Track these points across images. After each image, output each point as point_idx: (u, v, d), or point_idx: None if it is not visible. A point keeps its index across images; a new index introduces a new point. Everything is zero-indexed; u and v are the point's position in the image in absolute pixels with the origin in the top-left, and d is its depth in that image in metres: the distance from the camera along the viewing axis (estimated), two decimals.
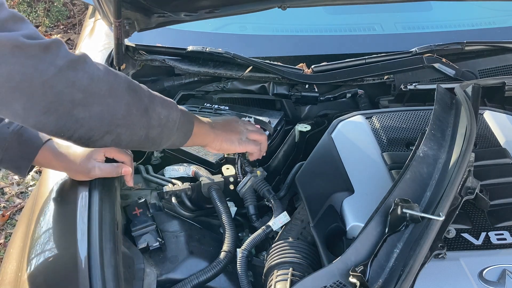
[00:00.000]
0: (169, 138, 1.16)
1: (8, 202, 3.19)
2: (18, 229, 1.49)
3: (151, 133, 1.10)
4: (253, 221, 1.42)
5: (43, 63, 0.91)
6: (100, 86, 0.98)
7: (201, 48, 1.76)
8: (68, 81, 0.93)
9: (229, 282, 1.30)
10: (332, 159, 1.40)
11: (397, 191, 1.14)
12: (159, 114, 1.10)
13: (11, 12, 0.92)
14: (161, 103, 1.12)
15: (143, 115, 1.07)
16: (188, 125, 1.20)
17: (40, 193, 1.41)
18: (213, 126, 1.30)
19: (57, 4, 4.72)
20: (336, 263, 1.05)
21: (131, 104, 1.04)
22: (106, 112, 1.00)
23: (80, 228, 1.16)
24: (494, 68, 1.88)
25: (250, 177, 1.44)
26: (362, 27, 2.16)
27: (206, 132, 1.28)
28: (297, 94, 1.80)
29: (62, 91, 0.93)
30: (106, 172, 1.27)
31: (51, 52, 0.92)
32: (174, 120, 1.14)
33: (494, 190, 1.25)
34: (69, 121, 0.97)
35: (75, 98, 0.95)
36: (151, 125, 1.09)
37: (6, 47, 0.88)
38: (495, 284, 1.07)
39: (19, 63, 0.88)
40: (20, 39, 0.89)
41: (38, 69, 0.90)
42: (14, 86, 0.89)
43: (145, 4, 1.51)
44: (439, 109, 1.35)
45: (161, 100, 1.13)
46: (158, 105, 1.11)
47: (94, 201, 1.23)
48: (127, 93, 1.03)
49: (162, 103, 1.12)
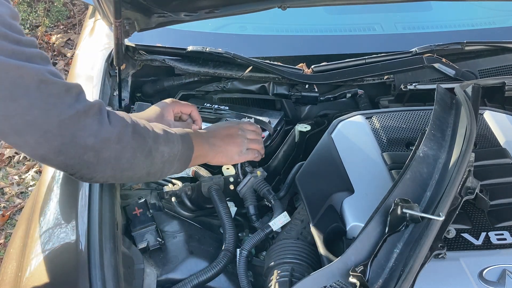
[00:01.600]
0: (169, 170, 1.18)
1: (8, 202, 3.19)
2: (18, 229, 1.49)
3: (152, 170, 1.12)
4: (253, 221, 1.42)
5: (63, 103, 0.93)
6: (110, 133, 1.00)
7: (201, 48, 1.76)
8: (83, 125, 0.96)
9: (229, 282, 1.30)
10: (332, 159, 1.40)
11: (397, 191, 1.14)
12: (162, 153, 1.12)
13: (39, 51, 0.95)
14: (165, 141, 1.13)
15: (147, 157, 1.09)
16: (188, 152, 1.21)
17: (40, 193, 1.41)
18: (212, 143, 1.30)
19: (57, 4, 4.72)
20: (336, 263, 1.05)
21: (136, 148, 1.06)
22: (113, 158, 1.02)
23: (80, 228, 1.16)
24: (494, 68, 1.88)
25: (250, 177, 1.44)
26: (362, 27, 2.16)
27: (206, 153, 1.29)
28: (297, 94, 1.80)
29: (76, 134, 0.95)
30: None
31: (72, 94, 0.95)
32: (175, 154, 1.16)
33: (494, 190, 1.25)
34: (77, 163, 0.99)
35: (88, 143, 0.97)
36: (154, 164, 1.11)
37: (33, 79, 0.89)
38: (495, 284, 1.07)
39: (41, 98, 0.90)
40: (46, 75, 0.91)
41: (57, 107, 0.92)
42: (32, 120, 0.90)
43: (145, 4, 1.51)
44: (439, 109, 1.35)
45: (164, 138, 1.13)
46: (161, 143, 1.12)
47: (94, 201, 1.23)
48: (132, 139, 1.05)
49: (165, 141, 1.13)
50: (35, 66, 0.90)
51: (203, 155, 1.28)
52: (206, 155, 1.29)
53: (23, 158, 3.51)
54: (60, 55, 4.36)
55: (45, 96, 0.91)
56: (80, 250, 1.11)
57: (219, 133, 1.33)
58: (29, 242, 1.25)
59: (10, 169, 3.44)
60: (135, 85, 1.81)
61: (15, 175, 3.38)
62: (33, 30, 4.58)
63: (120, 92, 1.67)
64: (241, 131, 1.37)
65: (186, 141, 1.20)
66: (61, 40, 4.45)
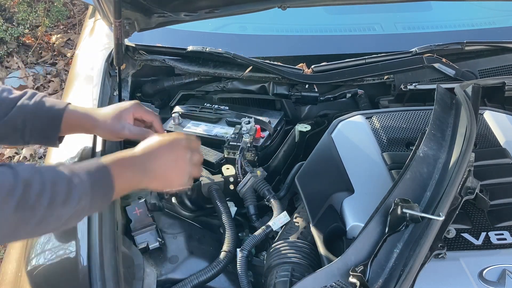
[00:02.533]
0: (75, 222, 1.03)
1: None
2: None
3: (48, 230, 1.01)
4: (253, 221, 1.42)
5: None
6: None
7: (201, 48, 1.76)
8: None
9: (229, 282, 1.30)
10: (332, 159, 1.40)
11: (397, 191, 1.14)
12: (58, 217, 0.95)
13: None
14: (63, 202, 0.95)
15: (37, 225, 0.93)
16: (104, 196, 1.04)
17: None
18: (149, 169, 1.10)
19: (57, 4, 4.72)
20: (336, 263, 1.05)
21: (19, 222, 0.90)
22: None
23: (80, 228, 1.16)
24: (494, 68, 1.88)
25: (250, 177, 1.44)
26: (362, 27, 2.16)
27: (138, 180, 1.10)
28: (297, 94, 1.80)
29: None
30: (135, 135, 1.29)
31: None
32: (80, 209, 0.98)
33: (494, 190, 1.25)
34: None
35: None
36: (48, 227, 0.96)
37: None
38: (495, 284, 1.07)
39: None
40: None
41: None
42: None
43: (145, 4, 1.51)
44: (439, 109, 1.35)
45: (62, 197, 0.95)
46: (58, 207, 0.94)
47: None
48: (15, 213, 0.89)
49: (63, 202, 0.95)
50: None
51: (134, 183, 1.10)
52: (138, 182, 1.10)
53: (23, 158, 3.51)
54: (60, 55, 4.36)
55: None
56: (80, 250, 1.11)
57: (162, 155, 1.12)
58: (29, 242, 1.25)
59: None
60: (135, 85, 1.81)
61: None
62: (33, 30, 4.58)
63: (120, 92, 1.67)
64: (189, 153, 1.17)
65: (101, 184, 1.02)
66: (61, 40, 4.45)
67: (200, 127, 1.70)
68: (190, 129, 1.70)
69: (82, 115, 1.29)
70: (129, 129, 1.28)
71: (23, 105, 1.24)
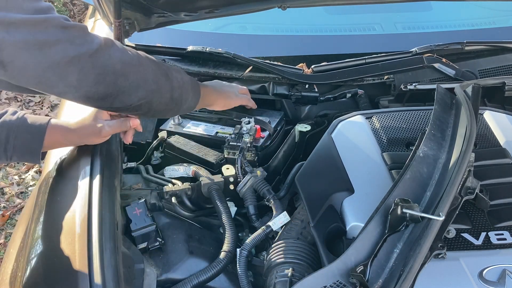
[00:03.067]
0: (186, 98, 1.31)
1: (8, 202, 3.19)
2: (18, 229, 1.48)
3: (174, 94, 1.26)
4: (253, 221, 1.42)
5: (87, 41, 1.06)
6: (131, 58, 1.14)
7: (201, 48, 1.76)
8: (108, 55, 1.09)
9: (229, 282, 1.30)
10: (332, 159, 1.40)
11: (397, 191, 1.14)
12: (176, 78, 1.26)
13: (49, 3, 1.05)
14: (173, 69, 1.28)
15: (167, 79, 1.23)
16: (197, 86, 1.37)
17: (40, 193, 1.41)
18: (213, 86, 1.52)
19: (57, 4, 4.73)
20: (336, 263, 1.05)
21: (156, 70, 1.20)
22: (140, 80, 1.16)
23: (80, 227, 1.16)
24: (494, 68, 1.88)
25: (250, 177, 1.44)
26: (362, 27, 2.16)
27: (210, 92, 1.48)
28: (297, 94, 1.80)
29: (105, 63, 1.08)
30: (116, 128, 1.32)
31: (89, 32, 1.08)
32: (187, 82, 1.31)
33: (494, 190, 1.25)
34: (115, 90, 1.12)
35: (116, 69, 1.10)
36: (173, 87, 1.25)
37: (57, 27, 1.01)
38: (495, 284, 1.07)
39: (70, 41, 1.02)
40: (64, 21, 1.03)
41: (84, 45, 1.05)
42: (69, 61, 1.02)
43: (145, 4, 1.52)
44: (439, 109, 1.35)
45: (171, 67, 1.29)
46: (172, 70, 1.27)
47: (94, 201, 1.23)
48: (149, 62, 1.20)
49: (174, 69, 1.28)
50: (54, 16, 1.02)
51: (208, 94, 1.46)
52: (210, 94, 1.48)
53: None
54: None
55: (72, 38, 1.02)
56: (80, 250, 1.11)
57: (213, 84, 1.56)
58: (29, 242, 1.25)
59: (10, 169, 3.44)
60: None
61: (15, 175, 3.38)
62: None
63: None
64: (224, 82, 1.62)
65: (192, 78, 1.36)
66: None
67: (200, 127, 1.70)
68: (190, 129, 1.70)
69: (65, 129, 1.32)
70: (107, 125, 1.30)
71: (6, 121, 1.27)
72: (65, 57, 1.02)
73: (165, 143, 1.66)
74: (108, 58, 1.09)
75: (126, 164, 1.62)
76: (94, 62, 1.06)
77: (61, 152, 1.43)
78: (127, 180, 1.53)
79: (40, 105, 4.08)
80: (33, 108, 4.03)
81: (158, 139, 1.67)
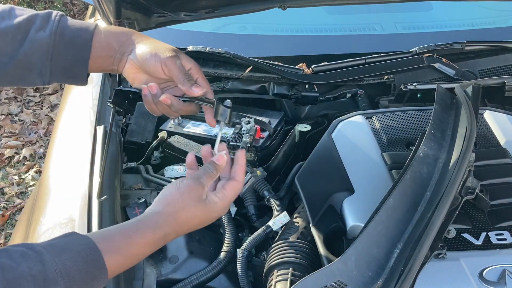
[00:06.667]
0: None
1: (8, 202, 3.20)
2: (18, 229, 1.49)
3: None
4: (253, 221, 1.42)
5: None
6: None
7: (201, 48, 1.76)
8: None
9: (229, 282, 1.30)
10: (332, 159, 1.40)
11: (397, 191, 1.14)
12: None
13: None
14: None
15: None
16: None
17: (40, 193, 1.41)
18: (167, 235, 0.96)
19: (57, 4, 4.72)
20: (336, 263, 1.05)
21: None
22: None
23: (80, 228, 1.16)
24: (494, 68, 1.88)
25: (250, 177, 1.44)
26: (362, 27, 2.16)
27: (149, 250, 0.95)
28: (297, 94, 1.80)
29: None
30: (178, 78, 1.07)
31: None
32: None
33: (494, 190, 1.25)
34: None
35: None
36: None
37: None
38: (495, 284, 1.07)
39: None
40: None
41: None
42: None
43: (145, 4, 1.51)
44: (439, 109, 1.35)
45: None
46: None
47: (94, 201, 1.23)
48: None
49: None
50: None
51: (148, 254, 0.96)
52: (152, 251, 0.97)
53: (23, 158, 3.51)
54: None
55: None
56: None
57: (190, 223, 1.00)
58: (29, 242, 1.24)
59: (10, 169, 3.44)
60: None
61: (15, 175, 3.38)
62: None
63: None
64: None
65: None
66: None
67: (200, 127, 1.70)
68: (190, 129, 1.70)
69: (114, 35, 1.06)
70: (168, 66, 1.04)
71: (36, 39, 1.01)
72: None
73: (165, 143, 1.66)
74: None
75: (126, 164, 1.62)
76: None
77: (61, 152, 1.43)
78: (127, 180, 1.53)
79: (40, 105, 4.08)
80: (33, 108, 4.03)
81: (158, 139, 1.67)
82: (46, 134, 3.73)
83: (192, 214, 0.97)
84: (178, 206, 0.96)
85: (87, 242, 0.86)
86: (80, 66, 1.05)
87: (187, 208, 0.96)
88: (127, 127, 1.71)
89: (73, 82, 1.09)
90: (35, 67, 1.03)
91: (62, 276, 0.81)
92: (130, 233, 0.92)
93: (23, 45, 1.01)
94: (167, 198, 0.97)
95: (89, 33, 1.05)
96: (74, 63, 1.04)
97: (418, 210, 1.10)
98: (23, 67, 1.03)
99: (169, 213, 0.95)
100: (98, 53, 1.06)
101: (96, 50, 1.05)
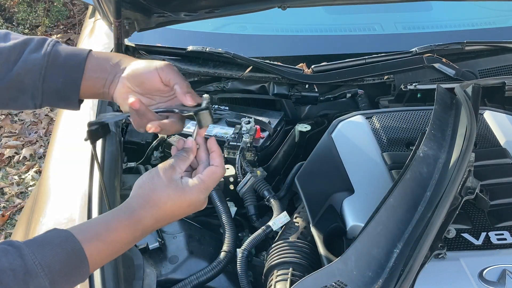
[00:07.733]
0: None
1: (8, 202, 3.20)
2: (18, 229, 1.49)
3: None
4: (253, 221, 1.42)
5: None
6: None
7: (201, 48, 1.76)
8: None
9: (229, 282, 1.30)
10: (332, 159, 1.40)
11: (397, 191, 1.14)
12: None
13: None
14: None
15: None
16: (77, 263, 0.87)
17: (40, 193, 1.41)
18: (156, 221, 0.97)
19: (57, 4, 4.72)
20: (336, 263, 1.05)
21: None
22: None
23: None
24: (494, 68, 1.88)
25: (250, 177, 1.44)
26: (362, 27, 2.16)
27: (136, 237, 0.95)
28: (297, 94, 1.80)
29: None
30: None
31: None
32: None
33: (494, 190, 1.25)
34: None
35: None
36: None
37: None
38: (495, 284, 1.07)
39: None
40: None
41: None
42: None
43: (145, 4, 1.51)
44: (439, 109, 1.35)
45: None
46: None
47: (94, 201, 1.23)
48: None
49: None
50: None
51: (130, 241, 0.95)
52: (134, 239, 0.96)
53: (23, 158, 3.51)
54: None
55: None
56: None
57: (165, 205, 0.97)
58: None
59: (10, 169, 3.44)
60: None
61: (15, 175, 3.38)
62: (33, 30, 4.58)
63: None
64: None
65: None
66: (61, 40, 4.45)
67: None
68: (190, 129, 1.69)
69: (104, 60, 1.05)
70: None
71: (30, 60, 1.01)
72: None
73: (164, 143, 1.66)
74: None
75: (126, 164, 1.62)
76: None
77: (61, 152, 1.43)
78: (127, 180, 1.53)
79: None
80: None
81: (158, 139, 1.67)
82: (46, 134, 3.73)
83: (164, 194, 0.96)
84: (148, 188, 0.97)
85: (65, 234, 0.89)
86: (71, 88, 1.04)
87: (158, 189, 0.97)
88: (127, 127, 1.71)
89: (65, 106, 1.09)
90: (27, 88, 1.03)
91: (43, 268, 0.83)
92: (107, 220, 0.94)
93: (16, 65, 1.02)
94: (139, 183, 0.99)
95: (82, 56, 1.06)
96: (66, 85, 1.04)
97: (418, 210, 1.10)
98: (15, 87, 1.03)
99: (140, 195, 0.97)
100: (90, 75, 1.05)
101: (88, 72, 1.05)
